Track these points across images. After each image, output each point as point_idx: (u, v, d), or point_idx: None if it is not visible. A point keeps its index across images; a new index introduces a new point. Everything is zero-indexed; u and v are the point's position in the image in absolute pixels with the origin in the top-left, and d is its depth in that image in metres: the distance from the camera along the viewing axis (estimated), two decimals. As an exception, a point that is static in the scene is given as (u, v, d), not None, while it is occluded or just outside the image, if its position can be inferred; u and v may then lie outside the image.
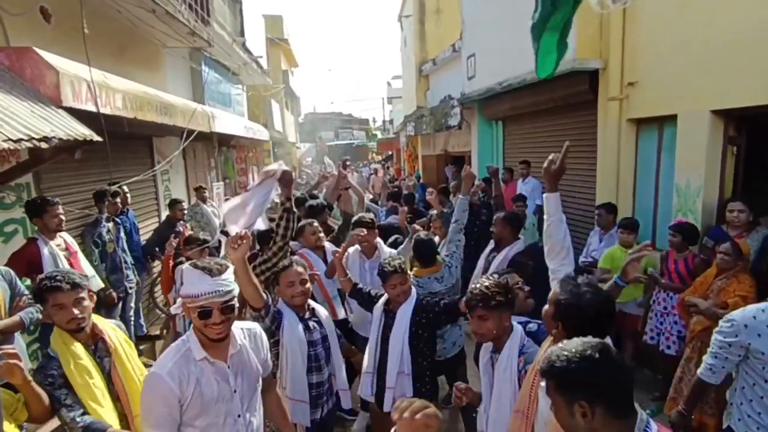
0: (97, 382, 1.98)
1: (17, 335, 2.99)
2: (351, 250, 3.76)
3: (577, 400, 1.20)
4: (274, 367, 2.36)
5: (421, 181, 11.27)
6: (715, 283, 3.16)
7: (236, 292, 1.80)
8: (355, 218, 3.97)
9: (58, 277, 2.00)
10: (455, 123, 9.04)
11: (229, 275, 1.77)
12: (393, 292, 2.70)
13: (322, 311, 2.71)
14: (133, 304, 5.01)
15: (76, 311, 1.98)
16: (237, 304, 1.81)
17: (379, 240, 3.93)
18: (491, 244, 3.91)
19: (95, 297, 2.25)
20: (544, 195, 2.21)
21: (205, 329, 1.73)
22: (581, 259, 4.59)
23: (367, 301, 2.97)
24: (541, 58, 2.93)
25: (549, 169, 2.19)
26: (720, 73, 3.68)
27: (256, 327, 2.05)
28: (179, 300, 1.83)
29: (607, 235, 4.49)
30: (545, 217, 2.18)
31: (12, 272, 2.94)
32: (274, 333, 2.46)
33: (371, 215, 4.17)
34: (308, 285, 2.55)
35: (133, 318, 5.05)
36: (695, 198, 4.01)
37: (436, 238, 3.99)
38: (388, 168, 20.67)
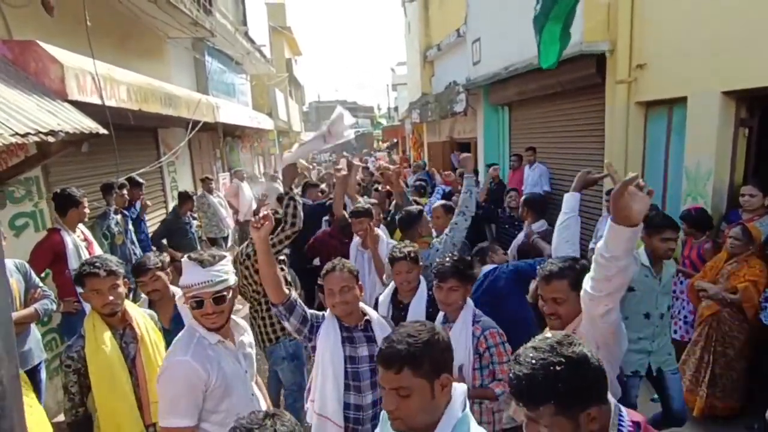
0: (116, 367, 2.07)
1: (32, 326, 3.06)
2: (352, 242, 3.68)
3: (586, 410, 1.11)
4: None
5: (426, 168, 11.22)
6: (726, 268, 3.13)
7: (231, 282, 1.81)
8: (351, 209, 3.78)
9: (96, 264, 2.09)
10: (461, 109, 8.95)
11: (222, 266, 1.79)
12: (397, 279, 2.64)
13: (381, 326, 2.23)
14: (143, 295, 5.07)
15: (111, 297, 2.08)
16: (230, 295, 1.81)
17: (380, 231, 3.72)
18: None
19: (128, 284, 2.34)
20: (569, 194, 2.25)
21: (201, 318, 1.77)
22: (591, 245, 4.56)
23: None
24: (544, 49, 2.89)
25: (585, 178, 2.25)
26: (731, 54, 3.60)
27: (242, 321, 2.09)
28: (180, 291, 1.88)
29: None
30: (565, 212, 2.22)
31: (27, 265, 3.02)
32: (309, 338, 2.19)
33: (364, 203, 3.87)
34: (353, 294, 2.16)
35: (143, 309, 5.11)
36: (705, 182, 3.96)
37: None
38: (390, 155, 20.57)
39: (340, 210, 4.24)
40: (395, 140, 25.23)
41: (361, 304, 2.26)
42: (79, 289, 2.84)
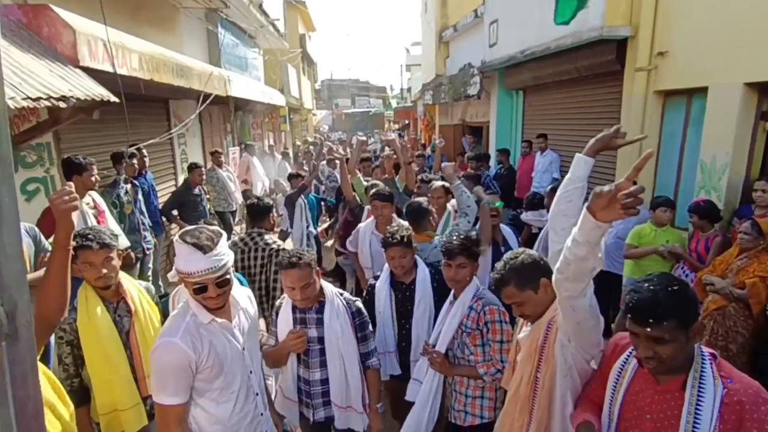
0: (109, 340, 2.07)
1: None
2: (363, 225, 3.53)
3: (697, 322, 1.34)
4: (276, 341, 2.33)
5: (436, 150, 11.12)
6: (735, 263, 3.10)
7: (230, 263, 1.75)
8: (373, 190, 3.54)
9: (89, 236, 2.05)
10: (474, 92, 8.83)
11: (221, 247, 1.71)
12: (392, 263, 2.61)
13: (334, 309, 2.22)
14: (151, 265, 5.13)
15: (104, 270, 2.06)
16: (231, 277, 1.77)
17: (396, 217, 3.52)
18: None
19: (123, 256, 2.35)
20: (581, 157, 1.86)
21: (203, 301, 1.72)
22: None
23: None
24: (561, 5, 2.79)
25: (604, 139, 1.89)
26: (756, 44, 3.49)
27: (246, 290, 2.06)
28: (174, 270, 1.81)
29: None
30: (572, 178, 1.85)
31: (36, 229, 3.02)
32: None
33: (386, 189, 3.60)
34: (314, 287, 2.16)
35: (151, 278, 5.19)
36: (720, 175, 3.89)
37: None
38: (402, 137, 20.39)
39: (349, 191, 4.17)
40: (407, 122, 25.01)
41: (324, 284, 2.27)
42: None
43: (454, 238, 2.33)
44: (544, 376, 1.71)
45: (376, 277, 2.80)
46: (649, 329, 1.31)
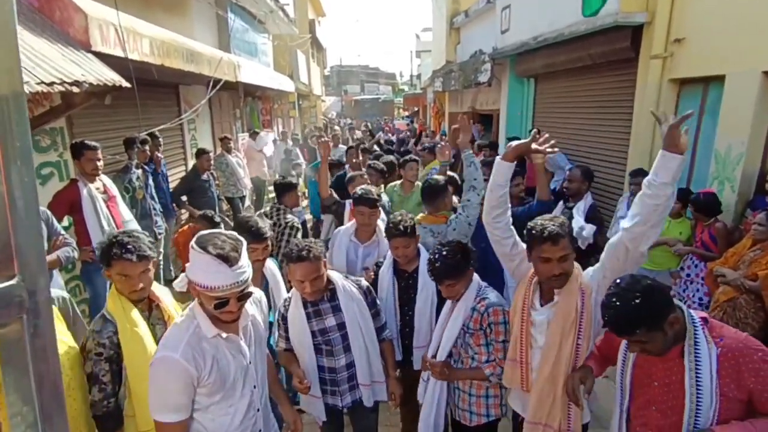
0: (150, 349, 1.90)
1: (55, 272, 3.17)
2: (342, 228, 3.17)
3: (669, 316, 1.47)
4: (287, 342, 2.33)
5: (446, 138, 11.06)
6: (748, 255, 3.07)
7: (250, 273, 1.60)
8: (359, 192, 3.01)
9: (129, 247, 1.86)
10: (485, 79, 8.73)
11: (245, 257, 1.58)
12: (395, 253, 2.58)
13: (347, 292, 2.25)
14: (162, 249, 5.21)
15: (141, 284, 1.90)
16: (251, 289, 1.64)
17: (380, 224, 3.10)
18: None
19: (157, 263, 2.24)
20: (503, 161, 2.06)
21: (220, 314, 1.58)
22: (613, 228, 4.47)
23: None
24: None
25: (522, 147, 2.08)
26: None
27: (258, 293, 1.93)
28: (182, 276, 1.64)
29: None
30: (500, 184, 2.05)
31: (48, 212, 3.06)
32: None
33: (374, 190, 3.17)
34: (323, 279, 2.15)
35: (162, 263, 5.27)
36: (735, 166, 3.83)
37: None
38: (412, 124, 20.31)
39: (325, 189, 3.61)
40: (416, 108, 24.86)
41: (329, 272, 2.24)
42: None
43: (437, 258, 2.17)
44: (585, 341, 1.88)
45: (379, 264, 2.78)
46: (626, 337, 1.54)
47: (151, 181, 4.93)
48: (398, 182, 4.53)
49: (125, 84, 3.75)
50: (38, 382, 0.55)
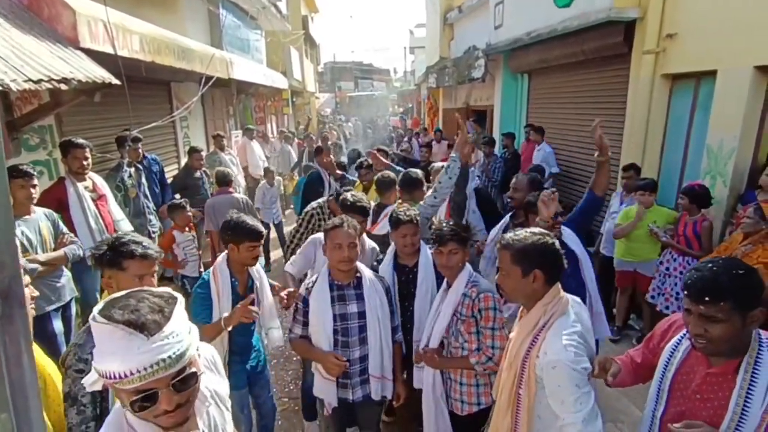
0: None
1: (64, 267, 3.23)
2: (316, 236, 3.03)
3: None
4: (304, 329, 2.33)
5: (442, 135, 11.07)
6: (739, 249, 3.08)
7: (194, 347, 1.05)
8: (349, 198, 2.93)
9: (144, 245, 1.80)
10: (479, 75, 8.71)
11: (178, 322, 1.02)
12: (401, 242, 2.62)
13: (373, 283, 2.34)
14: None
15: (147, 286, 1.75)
16: (198, 370, 1.07)
17: (365, 236, 3.06)
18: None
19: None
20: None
21: (152, 419, 1.02)
22: (605, 226, 4.48)
23: None
24: None
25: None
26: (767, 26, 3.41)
27: (211, 354, 1.35)
28: (92, 371, 1.03)
29: (629, 197, 4.37)
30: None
31: (54, 214, 3.18)
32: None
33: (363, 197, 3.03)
34: (356, 251, 2.24)
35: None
36: (727, 160, 3.84)
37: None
38: (404, 121, 20.27)
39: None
40: (410, 105, 24.81)
41: (357, 263, 2.35)
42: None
43: (444, 225, 2.35)
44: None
45: (379, 260, 2.83)
46: (702, 307, 1.34)
47: (144, 180, 4.88)
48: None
49: (115, 81, 3.70)
50: (15, 388, 0.54)
